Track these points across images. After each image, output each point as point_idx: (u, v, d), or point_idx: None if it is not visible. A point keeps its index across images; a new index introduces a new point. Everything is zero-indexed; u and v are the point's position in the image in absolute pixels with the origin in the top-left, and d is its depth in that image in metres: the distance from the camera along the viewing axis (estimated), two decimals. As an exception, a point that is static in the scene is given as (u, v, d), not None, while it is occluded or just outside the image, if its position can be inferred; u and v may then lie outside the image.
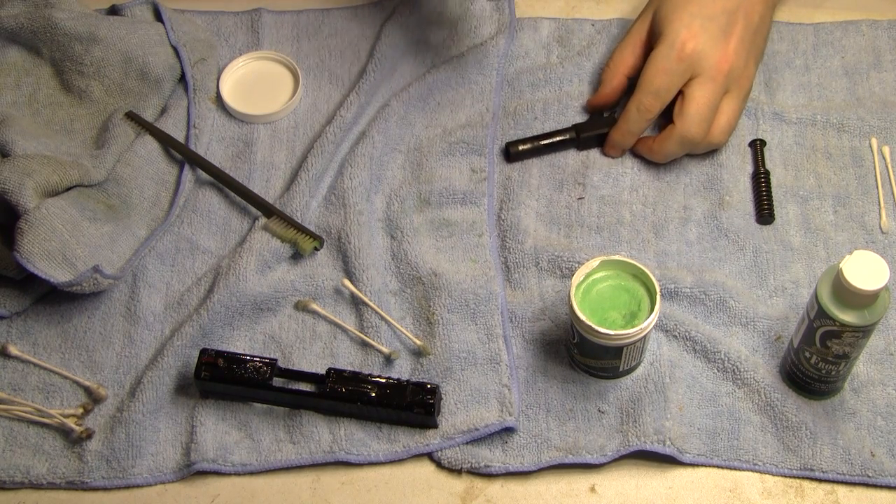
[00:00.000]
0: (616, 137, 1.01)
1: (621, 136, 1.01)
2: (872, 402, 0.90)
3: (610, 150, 1.03)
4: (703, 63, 0.96)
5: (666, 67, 0.96)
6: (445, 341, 0.93)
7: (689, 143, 0.98)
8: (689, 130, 0.97)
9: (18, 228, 0.91)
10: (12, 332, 0.96)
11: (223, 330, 0.95)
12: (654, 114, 0.99)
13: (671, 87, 0.97)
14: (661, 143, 0.99)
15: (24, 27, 1.07)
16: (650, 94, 0.97)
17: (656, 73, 0.97)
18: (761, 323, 0.94)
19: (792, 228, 0.99)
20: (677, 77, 0.97)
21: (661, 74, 0.97)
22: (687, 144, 0.98)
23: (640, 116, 0.99)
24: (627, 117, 1.00)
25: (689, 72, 0.96)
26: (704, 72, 0.96)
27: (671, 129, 0.98)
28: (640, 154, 1.02)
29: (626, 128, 1.00)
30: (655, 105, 0.98)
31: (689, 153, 1.01)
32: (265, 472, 0.90)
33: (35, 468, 0.89)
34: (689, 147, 0.99)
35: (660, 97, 0.97)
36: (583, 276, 0.87)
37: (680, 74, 0.96)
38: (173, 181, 1.03)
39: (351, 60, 1.11)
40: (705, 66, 0.96)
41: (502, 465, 0.88)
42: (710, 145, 0.99)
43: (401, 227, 0.99)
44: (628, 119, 1.00)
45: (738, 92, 0.98)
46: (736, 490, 0.88)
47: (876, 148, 1.03)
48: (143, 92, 1.06)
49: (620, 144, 1.02)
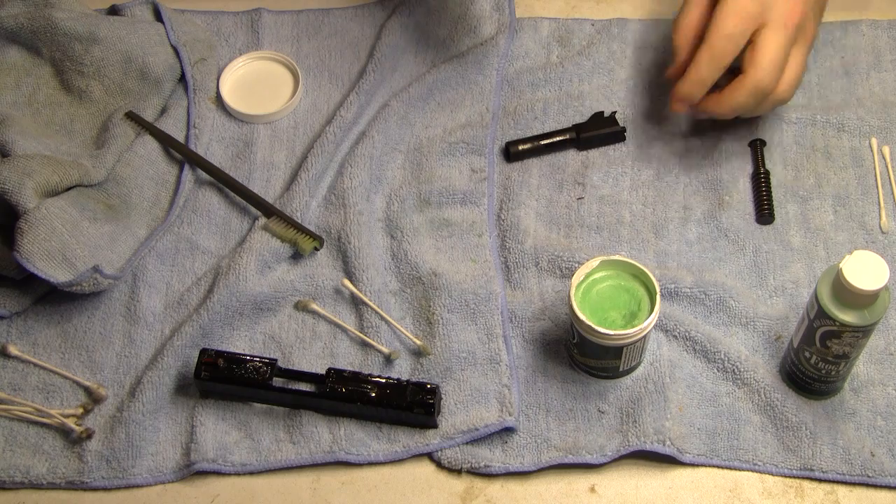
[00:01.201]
0: (685, 89, 0.95)
1: (691, 86, 0.94)
2: (872, 402, 0.90)
3: (676, 105, 0.96)
4: (776, 9, 0.92)
5: (739, 10, 0.91)
6: (445, 341, 0.93)
7: (760, 93, 0.93)
8: (763, 79, 0.92)
9: (18, 228, 0.91)
10: (12, 332, 0.96)
11: (223, 330, 0.95)
12: (728, 60, 0.92)
13: (745, 31, 0.91)
14: (731, 94, 0.93)
15: (24, 27, 1.07)
16: (724, 37, 0.91)
17: (729, 16, 0.91)
18: (761, 323, 0.94)
19: (792, 228, 0.99)
20: (750, 21, 0.91)
21: (733, 17, 0.91)
22: (759, 94, 0.93)
23: (713, 63, 0.92)
24: (699, 65, 0.93)
25: (760, 17, 0.92)
26: (776, 19, 0.92)
27: (741, 78, 0.93)
28: (705, 110, 0.96)
29: (697, 77, 0.93)
30: (729, 49, 0.92)
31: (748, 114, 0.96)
32: (265, 472, 0.90)
33: (35, 468, 0.89)
34: (759, 98, 0.93)
35: (734, 41, 0.91)
36: (583, 276, 0.87)
37: (753, 18, 0.91)
38: (173, 181, 1.03)
39: (351, 60, 1.11)
40: (777, 14, 0.92)
41: (502, 465, 0.88)
42: (777, 101, 0.95)
43: (401, 227, 0.99)
44: (699, 67, 0.93)
45: (804, 44, 0.94)
46: (736, 490, 0.88)
47: (876, 148, 1.03)
48: (143, 92, 1.06)
49: (689, 96, 0.95)
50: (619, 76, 1.08)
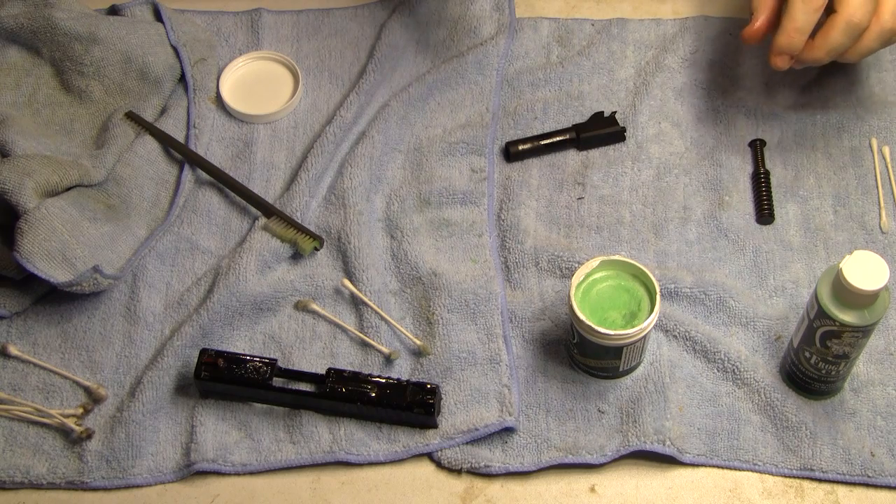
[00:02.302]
0: (783, 41, 0.91)
1: (788, 37, 0.90)
2: (872, 402, 0.90)
3: (776, 59, 0.92)
4: None
5: None
6: (445, 341, 0.93)
7: (855, 29, 0.89)
8: (855, 14, 0.88)
9: (18, 228, 0.91)
10: (12, 332, 0.96)
11: (223, 330, 0.95)
12: (822, 2, 0.88)
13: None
14: (825, 36, 0.90)
15: (24, 27, 1.07)
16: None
17: None
18: (761, 323, 0.94)
19: (792, 228, 0.99)
20: None
21: None
22: (853, 30, 0.89)
23: (807, 7, 0.89)
24: (793, 12, 0.89)
25: None
26: None
27: (833, 18, 0.89)
28: (803, 59, 0.92)
29: (794, 26, 0.89)
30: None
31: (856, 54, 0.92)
32: (265, 472, 0.90)
33: (35, 468, 0.89)
34: (854, 34, 0.89)
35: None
36: (583, 276, 0.87)
37: None
38: (173, 181, 1.03)
39: (351, 60, 1.11)
40: None
41: (502, 465, 0.88)
42: (885, 32, 0.90)
43: (401, 227, 0.99)
44: (794, 13, 0.89)
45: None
46: (736, 490, 0.88)
47: (876, 148, 1.03)
48: (143, 92, 1.06)
49: (789, 48, 0.91)
50: (619, 76, 1.08)
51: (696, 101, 1.06)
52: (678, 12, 1.13)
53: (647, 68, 1.08)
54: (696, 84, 1.07)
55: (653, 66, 1.08)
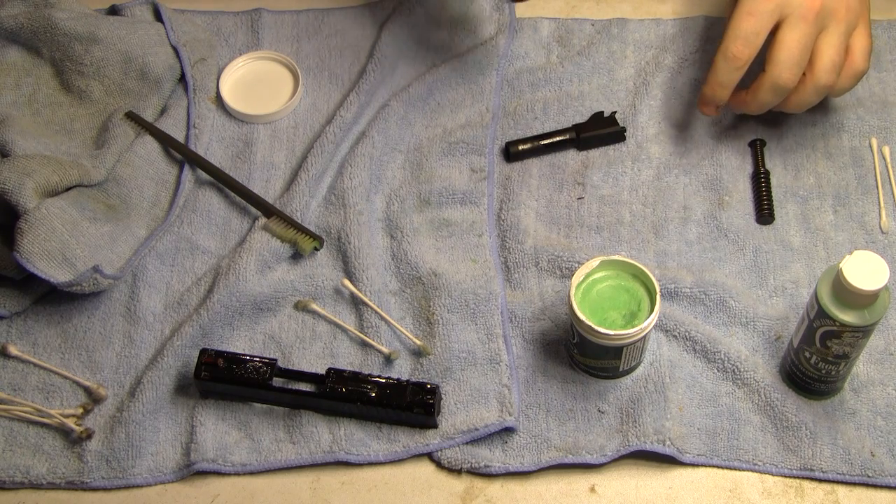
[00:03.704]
0: (707, 92, 0.95)
1: (712, 89, 0.94)
2: (872, 402, 0.90)
3: (703, 107, 0.97)
4: (793, 2, 0.90)
5: (752, 9, 0.90)
6: (445, 341, 0.93)
7: (782, 90, 0.92)
8: (781, 76, 0.91)
9: (18, 228, 0.91)
10: (12, 332, 0.96)
11: (223, 330, 0.95)
12: (744, 62, 0.92)
13: (759, 30, 0.91)
14: (754, 93, 0.94)
15: (24, 27, 1.07)
16: (738, 39, 0.91)
17: (742, 17, 0.91)
18: (761, 323, 0.94)
19: (792, 228, 0.99)
20: (765, 19, 0.90)
21: (747, 17, 0.91)
22: (781, 91, 0.92)
23: (728, 65, 0.92)
24: (716, 68, 0.93)
25: (777, 13, 0.91)
26: (794, 11, 0.90)
27: (762, 76, 0.93)
28: (736, 110, 0.97)
29: (716, 80, 0.94)
30: (744, 51, 0.91)
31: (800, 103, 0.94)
32: (265, 472, 0.90)
33: (35, 468, 0.89)
34: (781, 94, 0.93)
35: (749, 42, 0.91)
36: (582, 276, 0.87)
37: (768, 16, 0.90)
38: (173, 181, 1.03)
39: (351, 60, 1.11)
40: (794, 6, 0.90)
41: (502, 465, 0.88)
42: (820, 88, 0.93)
43: (401, 227, 0.99)
44: (717, 70, 0.93)
45: (836, 26, 0.92)
46: (736, 490, 0.88)
47: (876, 148, 1.03)
48: (143, 92, 1.06)
49: (713, 99, 0.95)
50: (619, 76, 1.08)
51: (696, 101, 1.06)
52: (678, 12, 1.13)
53: (647, 68, 1.08)
54: (696, 84, 1.07)
55: (653, 66, 1.08)
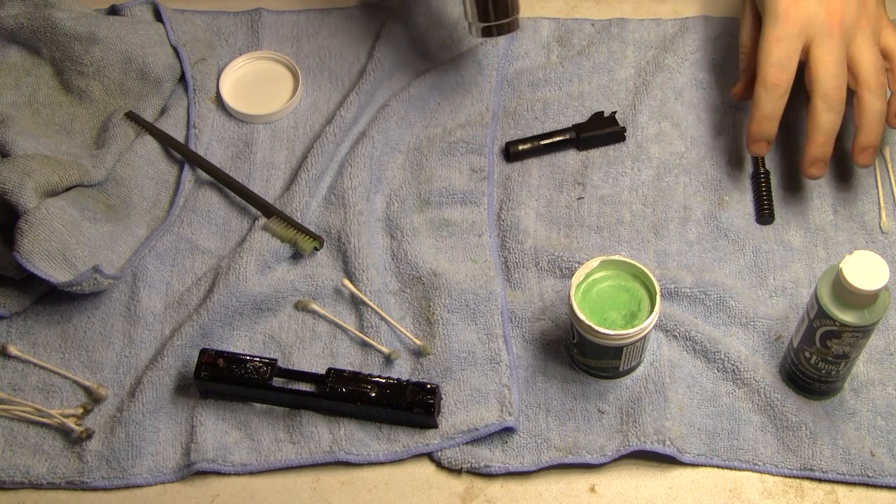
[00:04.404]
0: (755, 129, 0.95)
1: (760, 124, 0.94)
2: (872, 402, 0.90)
3: (752, 146, 0.96)
4: (814, 22, 0.92)
5: (778, 35, 0.92)
6: (445, 341, 0.93)
7: (835, 104, 0.92)
8: (827, 91, 0.91)
9: (18, 228, 0.91)
10: (12, 332, 0.96)
11: (223, 330, 0.95)
12: (784, 88, 0.93)
13: (791, 54, 0.92)
14: (811, 121, 0.93)
15: (24, 27, 1.07)
16: (773, 66, 0.92)
17: (771, 45, 0.92)
18: (761, 323, 0.94)
19: (792, 228, 0.99)
20: (793, 43, 0.92)
21: (775, 44, 0.92)
22: (834, 106, 0.92)
23: (770, 94, 0.93)
24: (759, 101, 0.93)
25: (803, 35, 0.92)
26: (818, 30, 0.92)
27: (810, 104, 0.93)
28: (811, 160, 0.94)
29: (762, 113, 0.94)
30: (782, 76, 0.92)
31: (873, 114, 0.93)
32: (265, 472, 0.90)
33: (35, 468, 0.89)
34: (839, 109, 0.92)
35: (784, 67, 0.92)
36: (583, 276, 0.87)
37: (795, 39, 0.92)
38: (173, 181, 1.03)
39: (351, 60, 1.11)
40: (817, 25, 0.92)
41: (502, 465, 0.88)
42: (876, 91, 0.92)
43: (401, 227, 0.99)
44: (760, 102, 0.93)
45: (862, 34, 0.93)
46: (736, 490, 0.88)
47: (876, 148, 1.03)
48: (143, 92, 1.06)
49: (762, 135, 0.95)
50: (619, 76, 1.08)
51: (696, 101, 1.06)
52: (678, 12, 1.13)
53: (647, 68, 1.08)
54: (696, 84, 1.07)
55: (653, 66, 1.08)
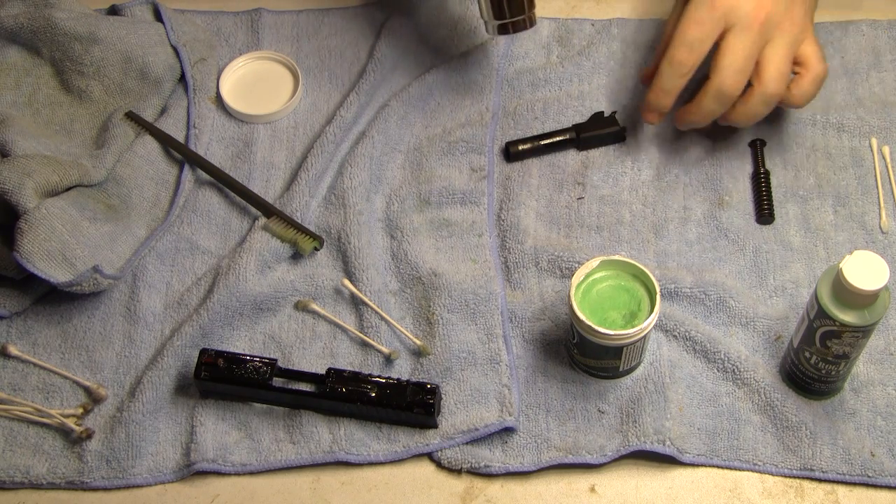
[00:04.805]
0: (651, 99, 0.96)
1: (656, 96, 0.96)
2: (872, 402, 0.90)
3: (647, 115, 0.98)
4: (737, 12, 0.91)
5: (698, 17, 0.91)
6: (445, 341, 0.93)
7: (726, 98, 0.93)
8: (724, 82, 0.92)
9: (18, 228, 0.91)
10: (12, 332, 0.96)
11: (223, 330, 0.95)
12: (689, 68, 0.93)
13: (704, 38, 0.92)
14: (699, 101, 0.94)
15: (24, 27, 1.07)
16: (683, 45, 0.92)
17: (689, 24, 0.92)
18: (761, 323, 0.94)
19: (792, 228, 0.99)
20: (710, 27, 0.92)
21: (693, 25, 0.92)
22: (725, 99, 0.93)
23: (673, 71, 0.93)
24: (661, 74, 0.94)
25: (722, 21, 0.91)
26: (739, 21, 0.91)
27: (706, 84, 0.93)
28: (681, 123, 0.98)
29: (661, 86, 0.95)
30: (689, 58, 0.93)
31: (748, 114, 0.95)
32: (265, 472, 0.90)
33: (35, 468, 0.89)
34: (726, 102, 0.93)
35: (693, 49, 0.92)
36: (583, 276, 0.87)
37: (713, 24, 0.91)
38: (173, 181, 1.03)
39: (351, 60, 1.11)
40: (739, 15, 0.91)
41: (502, 465, 0.88)
42: (768, 97, 0.93)
43: (401, 227, 0.99)
44: (662, 76, 0.94)
45: (781, 37, 0.92)
46: (736, 490, 0.88)
47: (876, 148, 1.03)
48: (143, 92, 1.06)
49: (657, 106, 0.96)
50: (619, 76, 1.08)
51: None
52: (678, 12, 1.13)
53: (647, 68, 1.08)
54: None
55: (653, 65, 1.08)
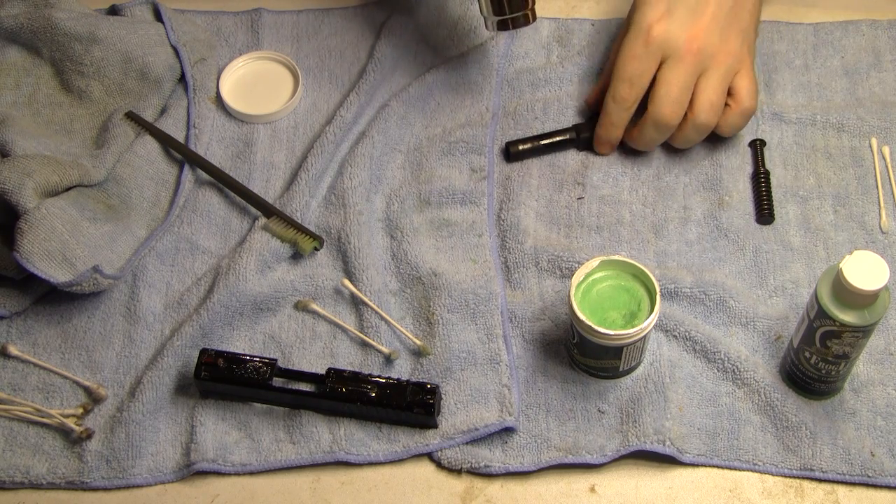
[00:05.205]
0: (601, 133, 1.01)
1: (605, 130, 1.00)
2: (872, 402, 0.90)
3: (599, 147, 1.02)
4: (671, 44, 0.95)
5: (635, 53, 0.95)
6: (445, 341, 0.93)
7: (664, 127, 0.97)
8: (660, 113, 0.96)
9: (18, 228, 0.91)
10: (12, 332, 0.96)
11: (223, 330, 0.95)
12: (631, 102, 0.97)
13: (643, 72, 0.96)
14: (640, 130, 0.99)
15: (24, 27, 1.07)
16: (624, 81, 0.97)
17: (626, 61, 0.96)
18: (761, 323, 0.94)
19: (792, 228, 0.99)
20: (647, 61, 0.95)
21: (630, 61, 0.96)
22: (663, 128, 0.97)
23: (618, 107, 0.98)
24: (607, 110, 0.99)
25: (658, 54, 0.95)
26: (673, 53, 0.95)
27: (645, 114, 0.98)
28: (628, 145, 1.02)
29: (608, 121, 0.99)
30: (631, 93, 0.97)
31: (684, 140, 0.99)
32: (265, 472, 0.90)
33: (35, 468, 0.89)
34: (665, 131, 0.97)
35: (634, 84, 0.96)
36: (583, 276, 0.87)
37: (650, 58, 0.95)
38: (173, 181, 1.03)
39: (351, 60, 1.11)
40: (673, 48, 0.95)
41: (502, 465, 0.88)
42: (700, 126, 0.97)
43: (401, 227, 0.99)
44: (608, 111, 0.99)
45: (715, 69, 0.96)
46: (736, 490, 0.88)
47: (876, 148, 1.03)
48: (143, 92, 1.06)
49: (607, 139, 1.01)
50: (619, 76, 1.08)
51: None
52: (678, 12, 1.13)
53: (647, 68, 1.08)
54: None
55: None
